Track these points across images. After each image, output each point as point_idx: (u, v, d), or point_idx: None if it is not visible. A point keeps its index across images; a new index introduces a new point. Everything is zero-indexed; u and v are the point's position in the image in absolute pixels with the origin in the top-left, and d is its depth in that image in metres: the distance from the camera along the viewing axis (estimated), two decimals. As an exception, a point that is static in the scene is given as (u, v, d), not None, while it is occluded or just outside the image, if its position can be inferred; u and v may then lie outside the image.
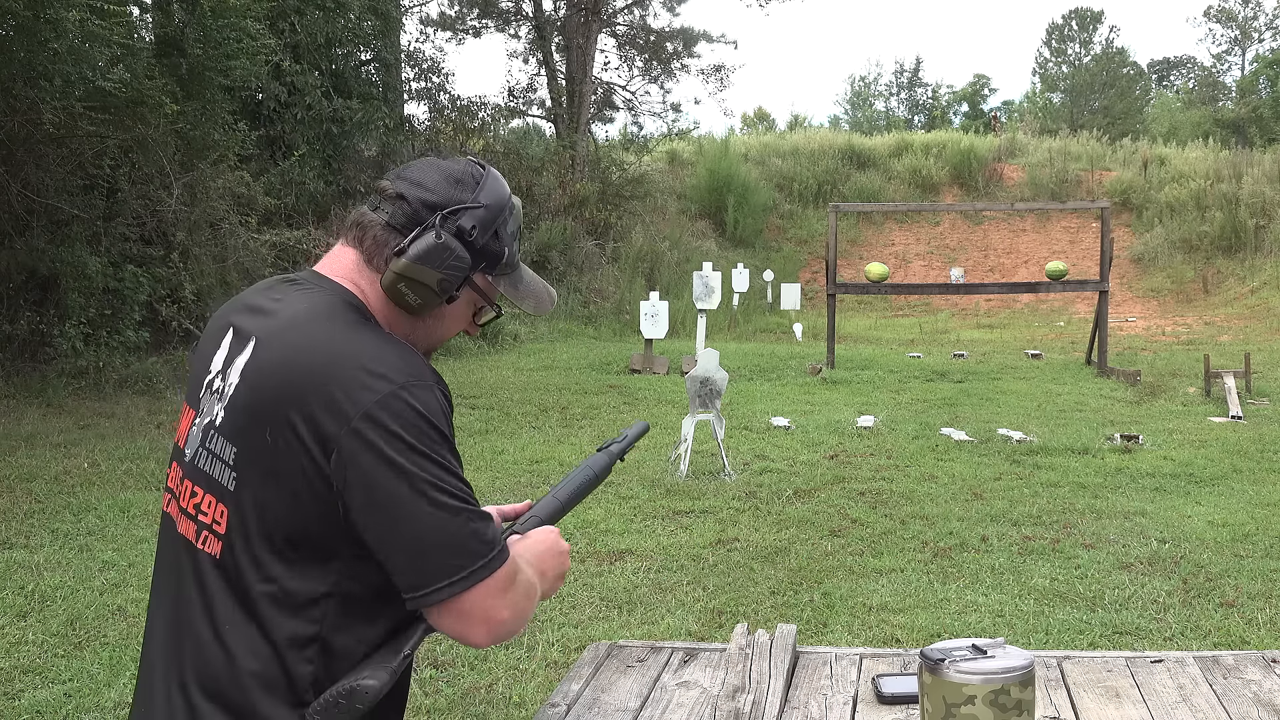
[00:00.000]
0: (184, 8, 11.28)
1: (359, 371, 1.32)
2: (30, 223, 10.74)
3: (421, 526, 1.30)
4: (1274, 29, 51.51)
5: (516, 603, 1.36)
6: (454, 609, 1.32)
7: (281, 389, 1.34)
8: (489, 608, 1.33)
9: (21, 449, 8.11)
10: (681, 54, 26.77)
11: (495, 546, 1.34)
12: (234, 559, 1.36)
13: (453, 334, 1.55)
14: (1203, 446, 8.60)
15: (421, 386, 1.34)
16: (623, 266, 20.82)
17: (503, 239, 1.49)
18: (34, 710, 3.85)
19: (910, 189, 26.47)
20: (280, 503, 1.33)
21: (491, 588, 1.32)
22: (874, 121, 59.49)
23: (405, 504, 1.29)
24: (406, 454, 1.30)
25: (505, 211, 1.50)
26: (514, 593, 1.36)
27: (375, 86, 18.68)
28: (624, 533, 6.13)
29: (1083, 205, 18.92)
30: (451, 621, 1.33)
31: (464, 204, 1.45)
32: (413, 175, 1.47)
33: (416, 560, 1.30)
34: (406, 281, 1.42)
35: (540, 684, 4.09)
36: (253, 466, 1.35)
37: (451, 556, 1.30)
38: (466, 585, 1.31)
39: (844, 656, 2.34)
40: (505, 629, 1.35)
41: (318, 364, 1.33)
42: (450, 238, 1.43)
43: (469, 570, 1.31)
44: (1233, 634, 4.55)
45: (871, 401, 11.07)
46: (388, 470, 1.29)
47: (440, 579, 1.30)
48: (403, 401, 1.31)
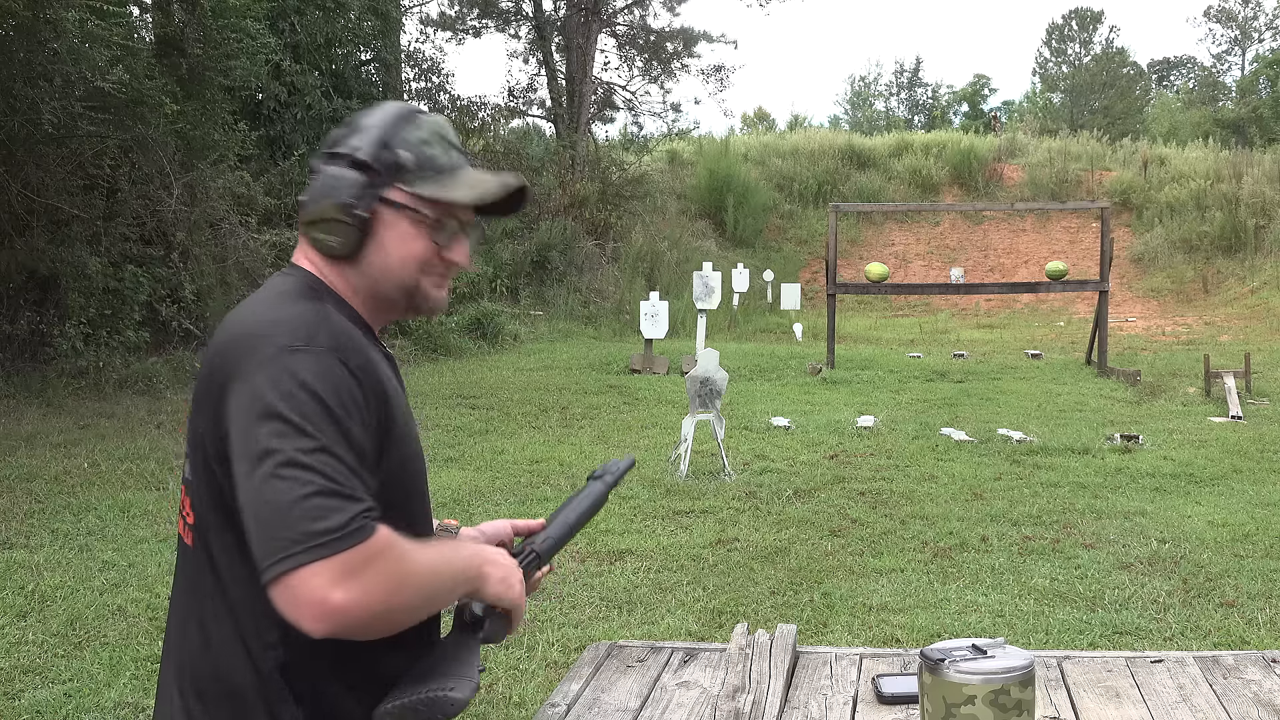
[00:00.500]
0: (184, 8, 11.28)
1: (252, 340, 1.31)
2: (30, 223, 10.74)
3: (265, 495, 1.22)
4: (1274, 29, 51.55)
5: (366, 592, 1.21)
6: (282, 588, 1.21)
7: (208, 373, 1.36)
8: (316, 589, 1.19)
9: (21, 449, 8.11)
10: (681, 54, 26.78)
11: (344, 528, 1.21)
12: (202, 547, 1.38)
13: (414, 261, 1.44)
14: (1203, 446, 8.60)
15: (310, 351, 1.29)
16: (623, 266, 20.82)
17: (397, 145, 1.42)
18: (34, 710, 3.85)
19: (910, 189, 26.47)
20: (211, 485, 1.34)
21: (326, 569, 1.19)
22: (874, 121, 59.50)
23: (257, 471, 1.23)
24: (270, 419, 1.24)
25: (395, 124, 1.44)
26: (362, 580, 1.21)
27: (375, 86, 18.68)
28: (624, 533, 6.12)
29: (1083, 205, 18.93)
30: (283, 601, 1.21)
31: (345, 136, 1.44)
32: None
33: (258, 532, 1.22)
34: (315, 225, 1.41)
35: (540, 684, 4.08)
36: (194, 451, 1.38)
37: (288, 529, 1.20)
38: (297, 563, 1.19)
39: (844, 656, 2.34)
40: (340, 617, 1.21)
41: (230, 340, 1.34)
42: (334, 167, 1.41)
43: (303, 547, 1.19)
44: (1233, 634, 4.55)
45: (871, 401, 11.07)
46: (251, 435, 1.25)
47: (274, 554, 1.20)
48: (281, 365, 1.27)
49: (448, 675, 1.33)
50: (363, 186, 1.40)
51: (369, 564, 1.23)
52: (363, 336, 1.41)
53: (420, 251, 1.44)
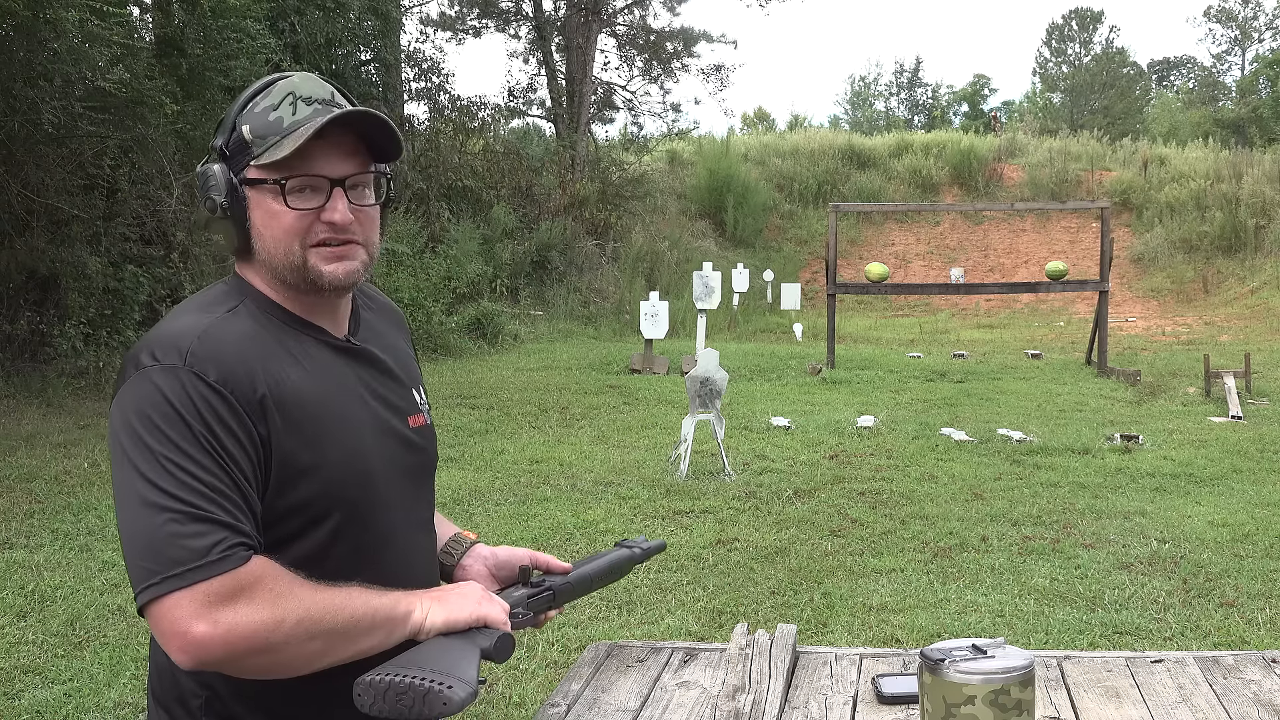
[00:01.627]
0: (184, 8, 11.28)
1: (130, 356, 1.29)
2: (30, 223, 10.74)
3: (126, 524, 1.19)
4: (1274, 29, 51.55)
5: (234, 623, 1.15)
6: (151, 618, 1.18)
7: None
8: (177, 620, 1.14)
9: (21, 449, 8.11)
10: (681, 54, 26.79)
11: (206, 555, 1.16)
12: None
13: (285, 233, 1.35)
14: (1203, 446, 8.60)
15: (160, 369, 1.23)
16: (623, 266, 20.82)
17: (242, 122, 1.36)
18: (34, 710, 3.85)
19: (910, 189, 26.47)
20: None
21: (187, 599, 1.14)
22: (874, 121, 59.52)
23: (120, 500, 1.21)
24: (128, 445, 1.21)
25: (246, 100, 1.38)
26: (229, 610, 1.16)
27: (375, 86, 18.69)
28: (624, 533, 6.12)
29: (1083, 205, 18.93)
30: (153, 629, 1.18)
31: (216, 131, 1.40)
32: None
33: (127, 558, 1.19)
34: (208, 229, 1.40)
35: (540, 684, 4.09)
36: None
37: (150, 559, 1.16)
38: (158, 592, 1.15)
39: (844, 656, 2.34)
40: (203, 649, 1.15)
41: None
42: (205, 166, 1.38)
43: (160, 576, 1.15)
44: (1233, 634, 4.55)
45: (871, 401, 11.07)
46: (113, 460, 1.23)
47: (138, 583, 1.17)
48: (136, 387, 1.23)
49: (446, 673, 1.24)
50: (221, 175, 1.35)
51: (239, 593, 1.16)
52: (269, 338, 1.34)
53: (289, 223, 1.34)
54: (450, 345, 14.62)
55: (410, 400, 1.53)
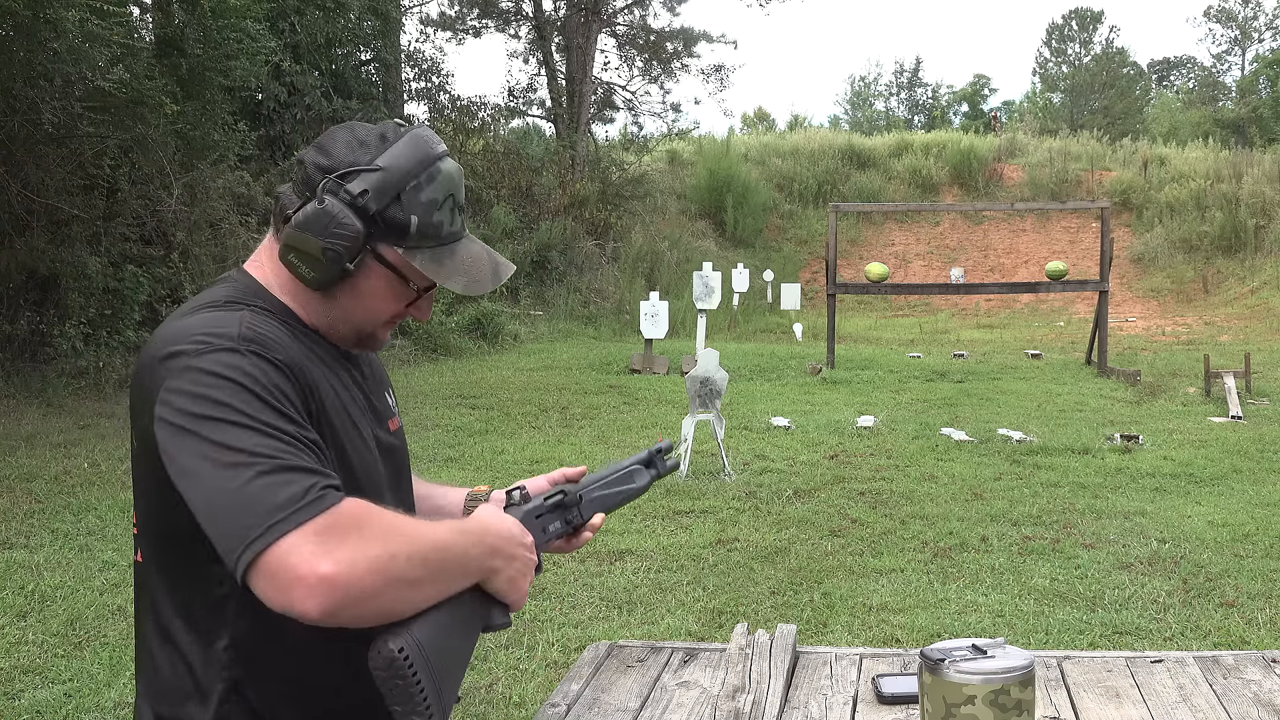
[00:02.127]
0: (184, 8, 11.28)
1: (167, 348, 1.25)
2: (30, 223, 10.74)
3: (211, 491, 1.15)
4: (1274, 29, 51.54)
5: (355, 556, 1.12)
6: (261, 574, 1.12)
7: (133, 386, 1.32)
8: (297, 564, 1.10)
9: (21, 449, 8.11)
10: (681, 54, 26.78)
11: (306, 496, 1.14)
12: (145, 563, 1.35)
13: (382, 316, 1.40)
14: (1203, 446, 8.60)
15: (217, 349, 1.23)
16: (623, 266, 20.82)
17: (408, 206, 1.33)
18: (34, 710, 3.85)
19: (910, 189, 26.47)
20: (148, 500, 1.30)
21: (298, 540, 1.11)
22: (874, 121, 59.52)
23: (197, 471, 1.17)
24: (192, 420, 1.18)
25: (413, 176, 1.34)
26: (348, 545, 1.13)
27: (375, 87, 18.69)
28: (624, 533, 6.12)
29: (1083, 205, 18.93)
30: (266, 588, 1.12)
31: (356, 166, 1.32)
32: (322, 140, 1.37)
33: (217, 530, 1.15)
34: (295, 252, 1.33)
35: (540, 684, 4.08)
36: (133, 465, 1.34)
37: (246, 513, 1.13)
38: (265, 543, 1.11)
39: (844, 656, 2.34)
40: (334, 586, 1.11)
41: (148, 355, 1.28)
42: (334, 202, 1.31)
43: (265, 526, 1.12)
44: (1233, 634, 4.55)
45: (871, 401, 11.07)
46: (180, 440, 1.19)
47: (241, 541, 1.13)
48: (193, 369, 1.21)
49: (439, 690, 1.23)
50: (360, 238, 1.32)
51: (350, 529, 1.14)
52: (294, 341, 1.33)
53: (392, 310, 1.40)
54: (450, 345, 14.62)
55: (386, 404, 1.53)
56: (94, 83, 9.94)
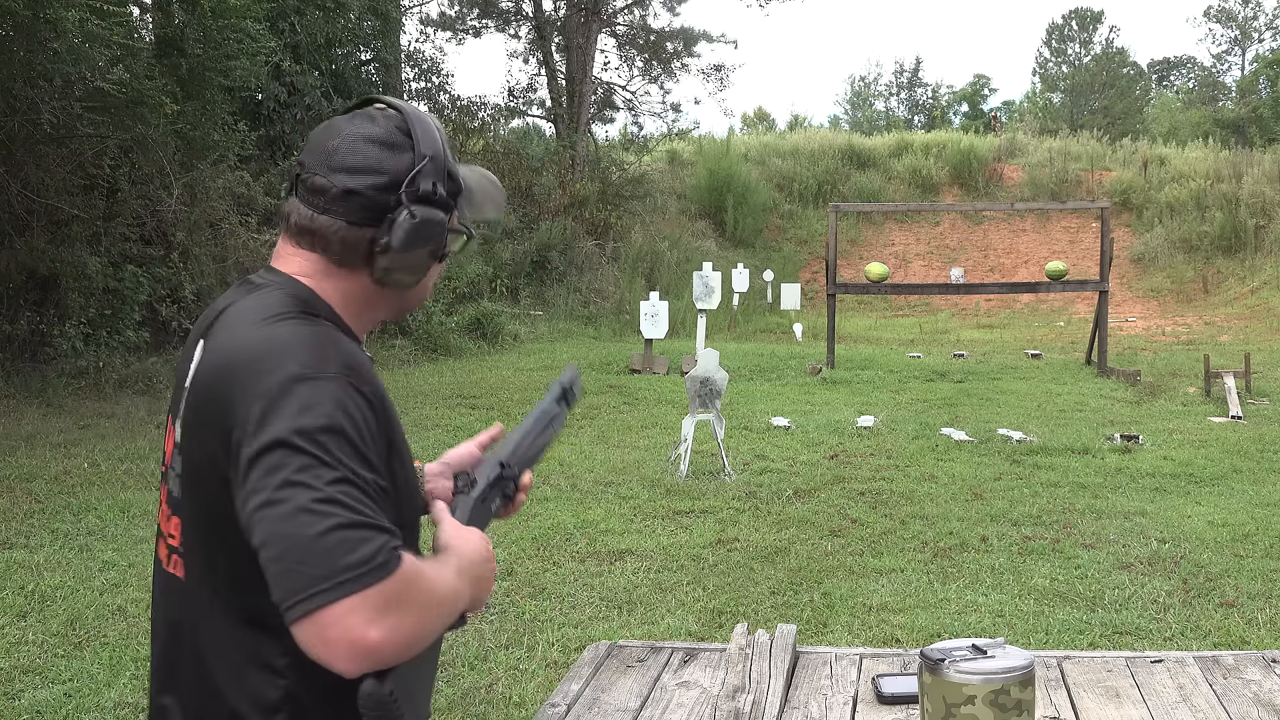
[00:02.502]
0: (184, 8, 11.27)
1: (256, 367, 1.24)
2: (30, 223, 10.74)
3: (287, 529, 1.15)
4: (1274, 29, 51.53)
5: (398, 627, 1.16)
6: (315, 625, 1.13)
7: (207, 394, 1.29)
8: (352, 627, 1.13)
9: (21, 449, 8.11)
10: (681, 54, 26.77)
11: (373, 560, 1.15)
12: (194, 579, 1.33)
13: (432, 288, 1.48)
14: (1203, 446, 8.60)
15: (318, 378, 1.23)
16: (623, 266, 20.82)
17: (454, 175, 1.40)
18: (34, 710, 3.85)
19: (910, 189, 26.47)
20: (213, 516, 1.28)
21: (360, 604, 1.13)
22: (874, 121, 59.50)
23: (276, 506, 1.16)
24: (284, 450, 1.18)
25: (444, 147, 1.39)
26: (396, 615, 1.16)
27: (375, 87, 18.67)
28: (624, 533, 6.13)
29: (1083, 205, 18.93)
30: (312, 640, 1.14)
31: (414, 168, 1.35)
32: (346, 162, 1.34)
33: (279, 568, 1.15)
34: (400, 271, 1.36)
35: (540, 684, 4.08)
36: (191, 477, 1.31)
37: (314, 565, 1.13)
38: (328, 599, 1.13)
39: (844, 656, 2.34)
40: (376, 655, 1.15)
41: (229, 363, 1.27)
42: (421, 209, 1.34)
43: (333, 582, 1.13)
44: (1233, 634, 4.55)
45: (871, 401, 11.07)
46: (266, 468, 1.18)
47: (301, 590, 1.13)
48: (290, 395, 1.21)
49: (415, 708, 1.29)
50: (446, 225, 1.37)
51: (401, 596, 1.17)
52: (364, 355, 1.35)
53: (438, 275, 1.45)
54: (450, 345, 14.62)
55: None
56: (94, 83, 9.94)
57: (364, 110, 1.41)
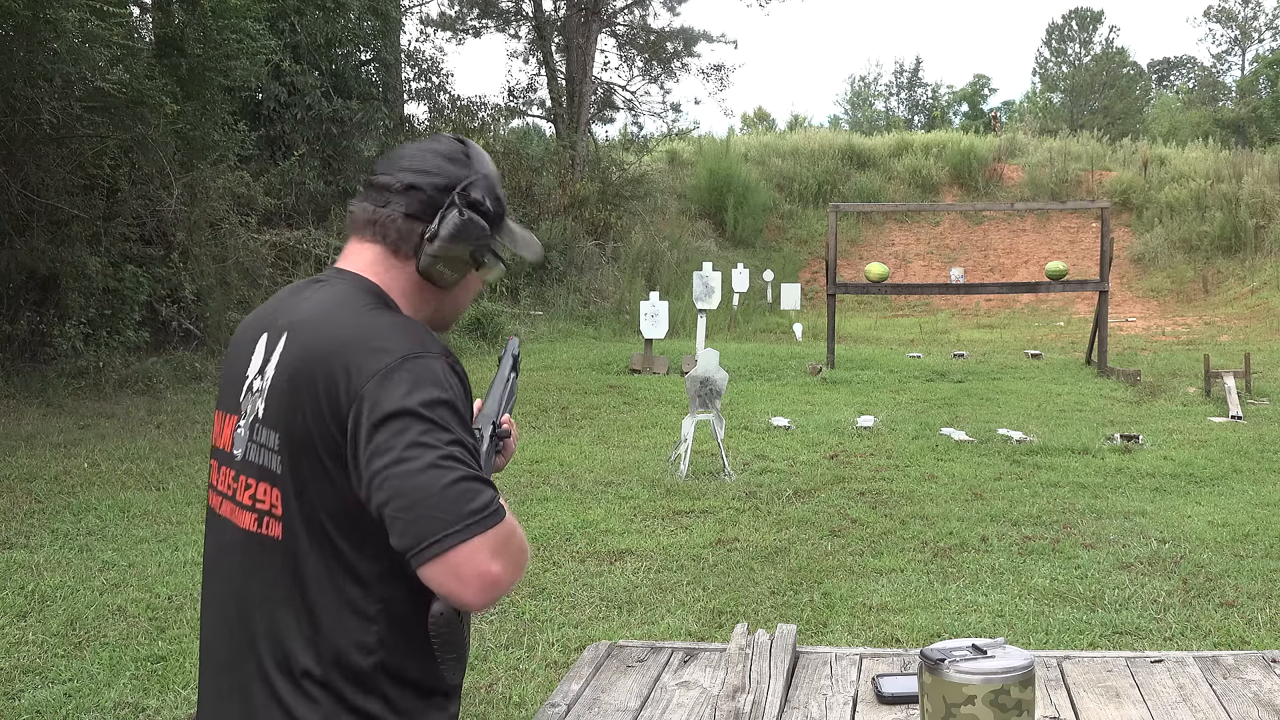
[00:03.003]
0: (184, 8, 11.27)
1: (368, 347, 1.41)
2: (30, 223, 10.74)
3: (417, 483, 1.33)
4: (1274, 29, 51.52)
5: (511, 561, 1.37)
6: (448, 563, 1.32)
7: (308, 372, 1.43)
8: (481, 562, 1.33)
9: (21, 449, 8.11)
10: (681, 54, 26.77)
11: (490, 506, 1.36)
12: (294, 539, 1.44)
13: (473, 297, 1.65)
14: (1203, 446, 8.60)
15: (426, 356, 1.42)
16: (623, 266, 20.82)
17: (501, 199, 1.59)
18: (34, 710, 3.85)
19: (910, 189, 26.46)
20: (317, 481, 1.42)
21: (485, 544, 1.33)
22: (874, 121, 59.49)
23: (404, 465, 1.34)
24: (407, 417, 1.35)
25: (496, 174, 1.59)
26: (508, 552, 1.37)
27: (375, 87, 18.68)
28: (624, 533, 6.13)
29: (1083, 205, 18.93)
30: (445, 577, 1.33)
31: (469, 178, 1.54)
32: (412, 165, 1.54)
33: (411, 516, 1.33)
34: (443, 261, 1.52)
35: (540, 684, 4.08)
36: (293, 448, 1.43)
37: (444, 511, 1.33)
38: (460, 539, 1.32)
39: (844, 656, 2.34)
40: (499, 587, 1.35)
41: (336, 345, 1.42)
42: (470, 212, 1.52)
43: (463, 524, 1.33)
44: (1233, 634, 4.55)
45: (871, 401, 11.07)
46: (388, 433, 1.35)
47: (434, 533, 1.32)
48: (405, 370, 1.38)
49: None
50: (489, 235, 1.55)
51: (509, 540, 1.37)
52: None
53: (477, 289, 1.64)
54: (451, 345, 14.57)
55: None
56: (94, 83, 9.94)
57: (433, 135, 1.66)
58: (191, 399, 10.40)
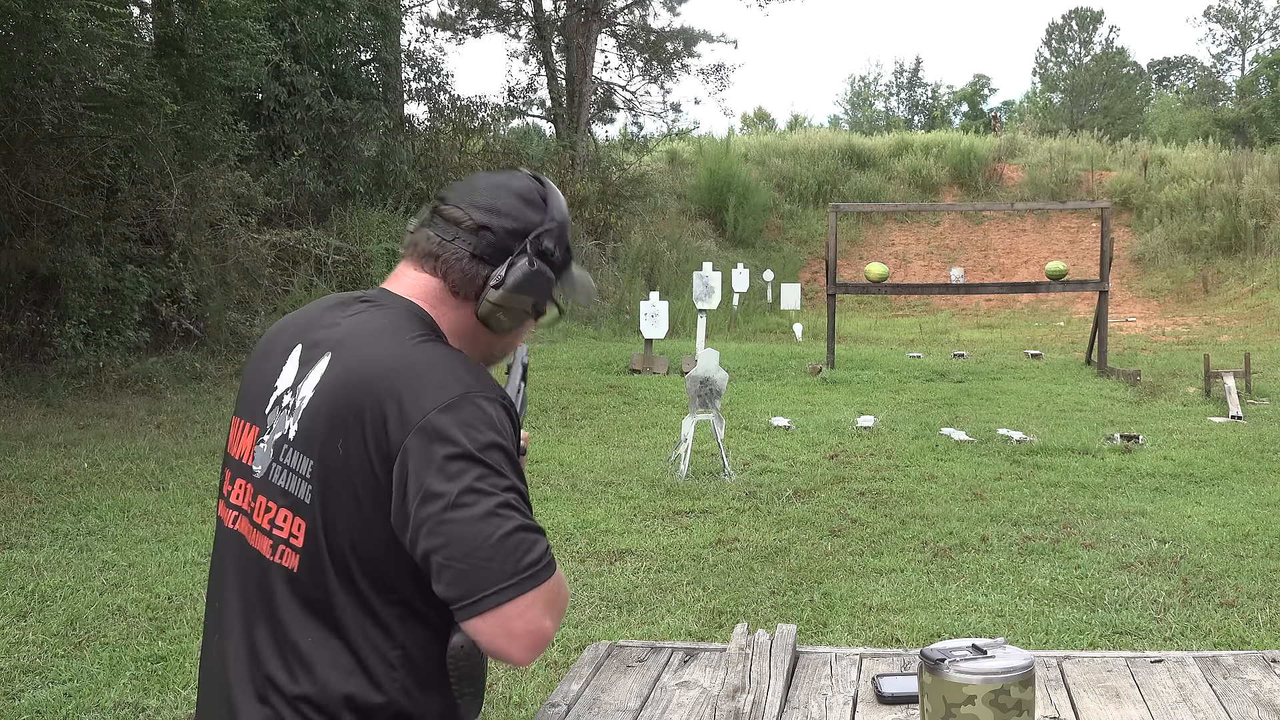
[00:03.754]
0: (184, 8, 11.28)
1: (426, 381, 1.34)
2: (30, 223, 10.74)
3: (472, 532, 1.27)
4: (1274, 29, 51.52)
5: (559, 614, 1.33)
6: (500, 617, 1.27)
7: (354, 399, 1.35)
8: (533, 619, 1.28)
9: (21, 449, 8.11)
10: (681, 54, 26.77)
11: (544, 559, 1.30)
12: (311, 572, 1.37)
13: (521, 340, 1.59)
14: (1203, 446, 8.60)
15: (486, 398, 1.35)
16: (623, 266, 20.82)
17: (569, 248, 1.53)
18: (34, 710, 3.85)
19: (910, 189, 26.46)
20: (346, 516, 1.34)
21: (538, 599, 1.28)
22: (874, 121, 59.48)
23: (458, 509, 1.27)
24: (464, 460, 1.29)
25: (568, 219, 1.53)
26: (557, 605, 1.32)
27: (375, 86, 18.68)
28: (624, 533, 6.13)
29: (1083, 205, 18.92)
30: (495, 632, 1.28)
31: (542, 225, 1.48)
32: (486, 203, 1.47)
33: (465, 566, 1.27)
34: (504, 310, 1.46)
35: (540, 684, 4.08)
36: (327, 478, 1.35)
37: (500, 564, 1.27)
38: (514, 594, 1.27)
39: (844, 656, 2.34)
40: (546, 642, 1.31)
41: (389, 374, 1.35)
42: (540, 263, 1.46)
43: (518, 579, 1.27)
44: (1233, 634, 4.55)
45: (871, 401, 11.07)
46: (443, 475, 1.28)
47: (487, 586, 1.26)
48: (465, 409, 1.32)
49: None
50: (553, 285, 1.51)
51: (559, 593, 1.33)
52: None
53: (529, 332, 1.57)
54: (450, 345, 14.60)
55: None
56: (94, 83, 9.95)
57: (510, 170, 1.58)
58: (191, 399, 10.40)
